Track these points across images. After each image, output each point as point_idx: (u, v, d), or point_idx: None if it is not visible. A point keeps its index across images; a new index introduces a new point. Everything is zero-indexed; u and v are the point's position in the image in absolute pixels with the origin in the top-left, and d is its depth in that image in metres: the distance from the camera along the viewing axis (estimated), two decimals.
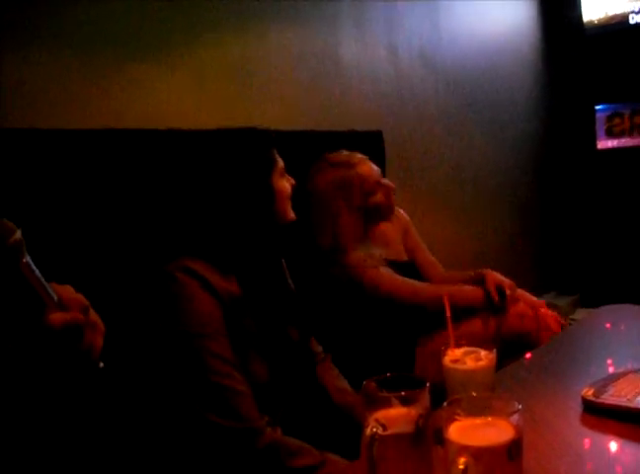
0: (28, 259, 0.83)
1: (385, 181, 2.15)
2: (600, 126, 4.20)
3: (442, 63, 3.39)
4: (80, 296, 0.88)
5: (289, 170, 2.13)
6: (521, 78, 4.10)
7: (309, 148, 2.22)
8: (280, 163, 1.56)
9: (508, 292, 2.01)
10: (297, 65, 2.57)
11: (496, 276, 2.07)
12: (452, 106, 3.46)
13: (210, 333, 1.33)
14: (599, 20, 4.07)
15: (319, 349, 1.71)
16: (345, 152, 2.14)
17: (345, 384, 1.67)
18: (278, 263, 1.62)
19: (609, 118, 4.18)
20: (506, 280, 2.06)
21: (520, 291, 2.09)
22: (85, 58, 1.89)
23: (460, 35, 3.53)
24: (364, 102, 2.88)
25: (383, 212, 2.13)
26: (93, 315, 0.88)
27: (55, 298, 0.85)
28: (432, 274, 2.28)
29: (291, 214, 1.57)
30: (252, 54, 2.38)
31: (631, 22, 3.97)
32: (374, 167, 2.14)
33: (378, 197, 2.10)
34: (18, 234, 0.83)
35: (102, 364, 0.89)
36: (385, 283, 2.02)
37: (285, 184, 1.56)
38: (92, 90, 1.90)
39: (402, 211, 2.39)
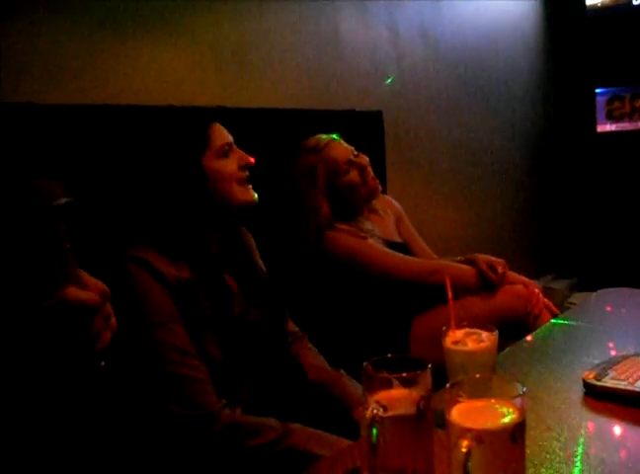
0: (64, 228, 0.82)
1: (358, 158, 2.12)
2: (601, 110, 4.17)
3: (444, 44, 3.35)
4: (101, 283, 0.85)
5: (288, 148, 2.12)
6: (522, 60, 4.07)
7: (308, 127, 2.19)
8: (219, 142, 1.48)
9: (500, 270, 2.00)
10: (297, 44, 2.53)
11: (487, 257, 2.08)
12: (453, 87, 3.43)
13: (162, 321, 1.32)
14: (601, 2, 4.03)
15: (295, 328, 1.72)
16: (317, 136, 2.13)
17: (321, 362, 1.67)
18: (234, 245, 1.58)
19: (610, 102, 4.15)
20: (497, 260, 2.06)
21: (510, 273, 2.08)
22: (83, 34, 1.87)
23: (462, 15, 3.49)
24: (365, 81, 2.84)
25: (363, 190, 2.11)
26: (109, 307, 0.85)
27: (78, 277, 0.82)
28: None
29: (243, 195, 1.50)
30: (251, 33, 2.35)
31: (635, 3, 3.93)
32: (345, 147, 2.11)
33: (351, 175, 2.08)
34: (62, 200, 0.82)
35: (103, 363, 0.86)
36: (374, 254, 2.01)
37: (226, 163, 1.48)
38: (89, 66, 1.87)
39: (394, 201, 2.38)
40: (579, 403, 1.17)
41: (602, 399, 1.15)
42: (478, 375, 0.87)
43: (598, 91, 4.16)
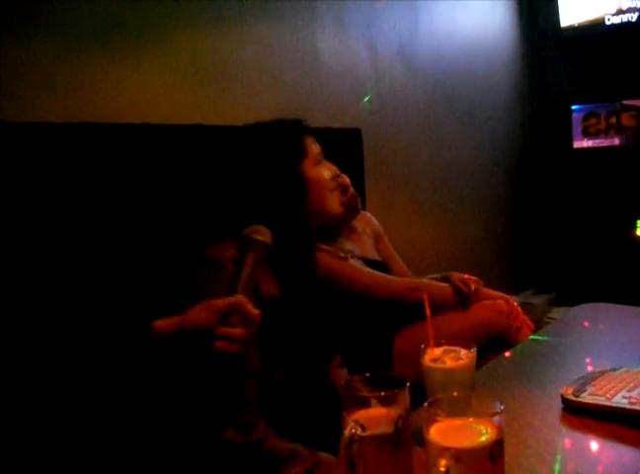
0: (257, 258, 1.15)
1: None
2: (577, 126, 4.23)
3: (421, 63, 3.38)
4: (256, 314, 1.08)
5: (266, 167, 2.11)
6: (499, 78, 4.12)
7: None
8: (315, 150, 1.51)
9: (472, 287, 2.02)
10: (275, 62, 2.54)
11: (461, 275, 2.09)
12: (431, 105, 3.46)
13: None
14: (575, 22, 4.10)
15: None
16: None
17: None
18: (312, 260, 1.55)
19: (585, 118, 4.21)
20: (471, 277, 2.08)
21: (487, 290, 2.10)
22: (60, 52, 1.85)
23: (439, 35, 3.53)
24: (343, 99, 2.86)
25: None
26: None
27: (240, 295, 1.09)
28: None
29: (335, 206, 1.52)
30: (228, 51, 2.35)
31: (607, 23, 4.00)
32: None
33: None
34: (263, 238, 1.18)
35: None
36: (354, 274, 2.01)
37: (322, 171, 1.51)
38: (66, 84, 1.86)
39: (373, 218, 2.38)
40: (557, 419, 1.18)
41: (581, 415, 1.16)
42: (456, 394, 0.87)
43: (573, 108, 4.22)
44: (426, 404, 0.82)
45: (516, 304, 2.04)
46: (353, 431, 0.83)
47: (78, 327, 1.07)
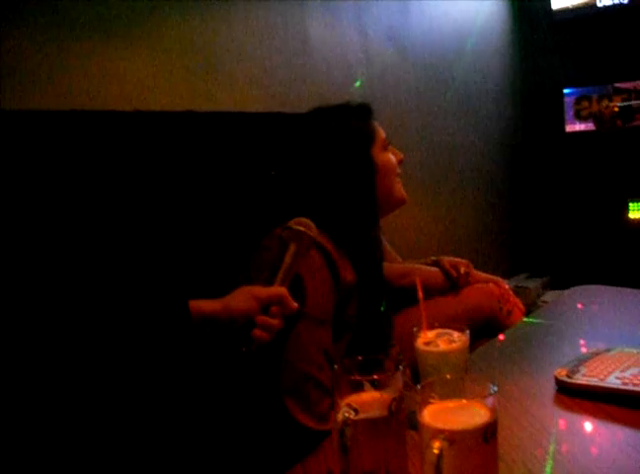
0: (297, 249, 1.16)
1: None
2: (569, 110, 4.22)
3: (412, 46, 3.36)
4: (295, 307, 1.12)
5: (256, 152, 2.11)
6: (492, 62, 4.10)
7: (277, 130, 2.18)
8: (382, 135, 1.50)
9: (462, 269, 2.02)
10: (264, 47, 2.52)
11: (450, 258, 2.09)
12: (422, 90, 3.44)
13: (321, 319, 1.27)
14: (567, 5, 4.08)
15: None
16: None
17: None
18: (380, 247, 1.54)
19: (577, 102, 4.20)
20: (461, 260, 2.07)
21: (477, 272, 2.09)
22: (49, 40, 1.83)
23: (430, 19, 3.51)
24: (333, 84, 2.84)
25: None
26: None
27: (282, 288, 1.13)
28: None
29: (401, 191, 1.52)
30: (217, 36, 2.33)
31: (599, 5, 3.99)
32: None
33: None
34: (306, 230, 1.19)
35: (244, 350, 1.07)
36: None
37: (389, 156, 1.50)
38: (54, 71, 1.84)
39: None
40: (551, 400, 1.18)
41: (574, 396, 1.16)
42: (449, 376, 0.86)
43: (565, 91, 4.21)
44: (419, 387, 0.81)
45: (507, 287, 2.04)
46: (346, 414, 0.83)
47: (115, 305, 1.06)
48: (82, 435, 1.15)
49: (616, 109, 1.44)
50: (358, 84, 2.97)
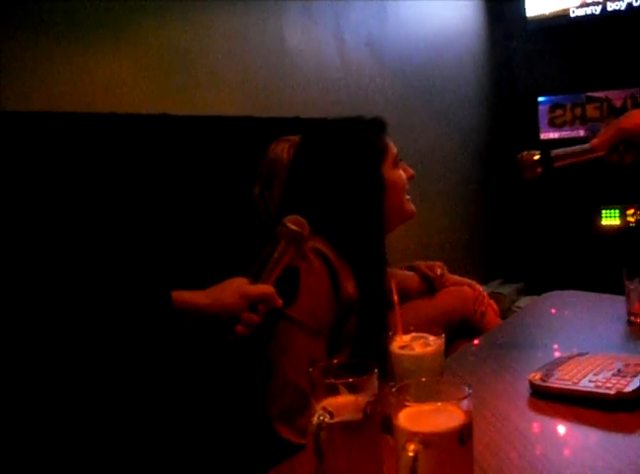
0: (286, 246, 1.16)
1: None
2: (543, 118, 4.27)
3: (389, 53, 3.38)
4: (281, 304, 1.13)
5: (233, 156, 2.10)
6: (468, 70, 4.14)
7: (253, 134, 2.18)
8: (393, 151, 1.48)
9: (438, 271, 2.02)
10: (242, 51, 2.52)
11: (424, 262, 2.09)
12: (399, 95, 3.46)
13: (314, 329, 1.25)
14: (541, 14, 4.14)
15: None
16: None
17: None
18: (385, 264, 1.52)
19: (551, 110, 4.25)
20: (436, 263, 2.08)
21: (451, 275, 2.10)
22: (27, 43, 1.82)
23: (407, 26, 3.53)
24: (310, 89, 2.84)
25: None
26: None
27: (269, 286, 1.14)
28: None
29: (410, 207, 1.51)
30: (196, 40, 2.33)
31: (572, 15, 4.05)
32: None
33: None
34: (298, 228, 1.18)
35: (232, 338, 1.08)
36: None
37: (400, 173, 1.48)
38: (29, 72, 1.82)
39: None
40: (525, 404, 1.18)
41: (548, 399, 1.16)
42: (424, 379, 0.86)
43: (540, 99, 4.26)
44: (394, 389, 0.81)
45: (481, 289, 2.05)
46: (320, 418, 0.82)
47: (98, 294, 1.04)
48: (59, 422, 1.14)
49: (536, 156, 1.57)
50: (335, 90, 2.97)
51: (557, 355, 1.37)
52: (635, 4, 3.85)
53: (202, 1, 2.35)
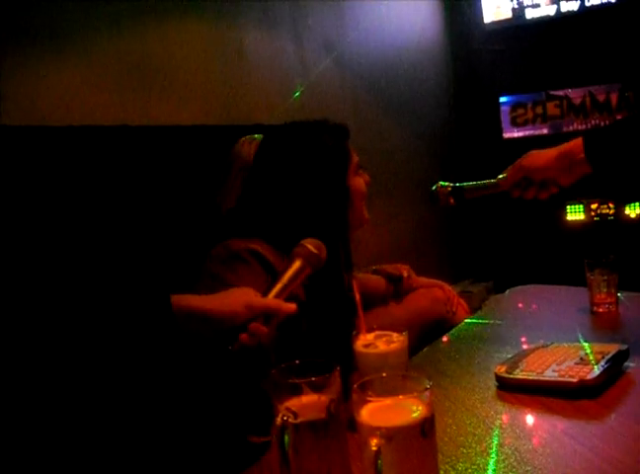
0: (301, 267, 1.17)
1: None
2: (505, 117, 4.32)
3: (349, 56, 3.40)
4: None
5: (192, 166, 2.09)
6: (428, 72, 4.17)
7: (215, 143, 2.17)
8: (355, 158, 1.48)
9: (405, 274, 2.03)
10: (200, 59, 2.51)
11: (390, 265, 2.10)
12: (359, 98, 3.48)
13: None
14: (498, 16, 4.20)
15: None
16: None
17: None
18: (340, 267, 1.51)
19: (513, 109, 4.31)
20: (401, 265, 2.09)
21: (419, 277, 2.11)
22: None
23: (366, 29, 3.55)
24: (271, 96, 2.84)
25: None
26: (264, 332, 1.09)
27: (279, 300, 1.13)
28: None
29: (366, 214, 1.50)
30: (152, 49, 2.32)
31: (527, 17, 4.12)
32: None
33: None
34: (316, 251, 1.19)
35: (231, 348, 1.06)
36: None
37: (361, 180, 1.48)
38: None
39: None
40: (492, 397, 1.19)
41: (515, 391, 1.18)
42: (385, 374, 0.86)
43: (502, 100, 4.31)
44: (356, 386, 0.81)
45: (450, 289, 2.06)
46: (284, 418, 0.82)
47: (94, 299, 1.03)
48: (48, 422, 1.12)
49: (449, 188, 1.70)
50: (296, 95, 2.98)
51: (525, 347, 1.39)
52: (587, 4, 3.93)
53: (158, 9, 2.34)
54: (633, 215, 3.98)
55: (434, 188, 1.72)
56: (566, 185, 1.53)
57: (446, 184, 1.72)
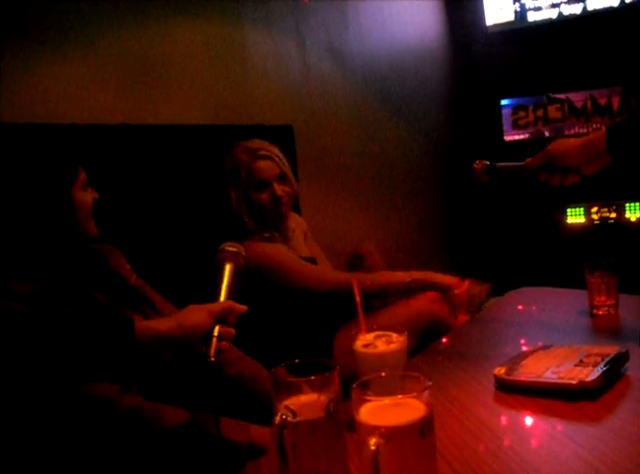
0: (233, 267, 1.26)
1: (278, 187, 2.04)
2: (507, 119, 4.32)
3: (351, 58, 3.40)
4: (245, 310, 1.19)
5: (198, 165, 2.09)
6: (430, 74, 4.17)
7: (218, 143, 2.17)
8: (83, 175, 1.46)
9: (364, 251, 2.04)
10: (203, 59, 2.51)
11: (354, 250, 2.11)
12: (363, 99, 3.48)
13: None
14: (500, 19, 4.20)
15: None
16: (262, 141, 2.08)
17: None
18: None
19: (514, 112, 4.31)
20: (365, 244, 2.10)
21: (435, 274, 2.11)
22: None
23: (368, 31, 3.56)
24: (273, 96, 2.85)
25: (267, 216, 2.06)
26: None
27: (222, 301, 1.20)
28: None
29: (94, 230, 1.48)
30: (154, 48, 2.32)
31: (530, 20, 4.12)
32: (273, 166, 2.04)
33: (262, 196, 2.02)
34: (235, 249, 1.30)
35: (212, 359, 1.08)
36: (292, 264, 1.99)
37: (86, 195, 1.46)
38: None
39: (298, 217, 2.35)
40: (492, 398, 1.19)
41: (514, 392, 1.17)
42: (384, 374, 0.86)
43: (503, 102, 4.31)
44: (355, 385, 0.81)
45: (463, 289, 2.04)
46: (283, 417, 0.82)
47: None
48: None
49: (485, 165, 1.85)
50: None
51: (524, 349, 1.39)
52: (589, 8, 3.93)
53: (161, 9, 2.35)
54: (633, 219, 3.98)
55: (472, 164, 1.86)
56: (589, 174, 1.60)
57: (482, 161, 1.85)
